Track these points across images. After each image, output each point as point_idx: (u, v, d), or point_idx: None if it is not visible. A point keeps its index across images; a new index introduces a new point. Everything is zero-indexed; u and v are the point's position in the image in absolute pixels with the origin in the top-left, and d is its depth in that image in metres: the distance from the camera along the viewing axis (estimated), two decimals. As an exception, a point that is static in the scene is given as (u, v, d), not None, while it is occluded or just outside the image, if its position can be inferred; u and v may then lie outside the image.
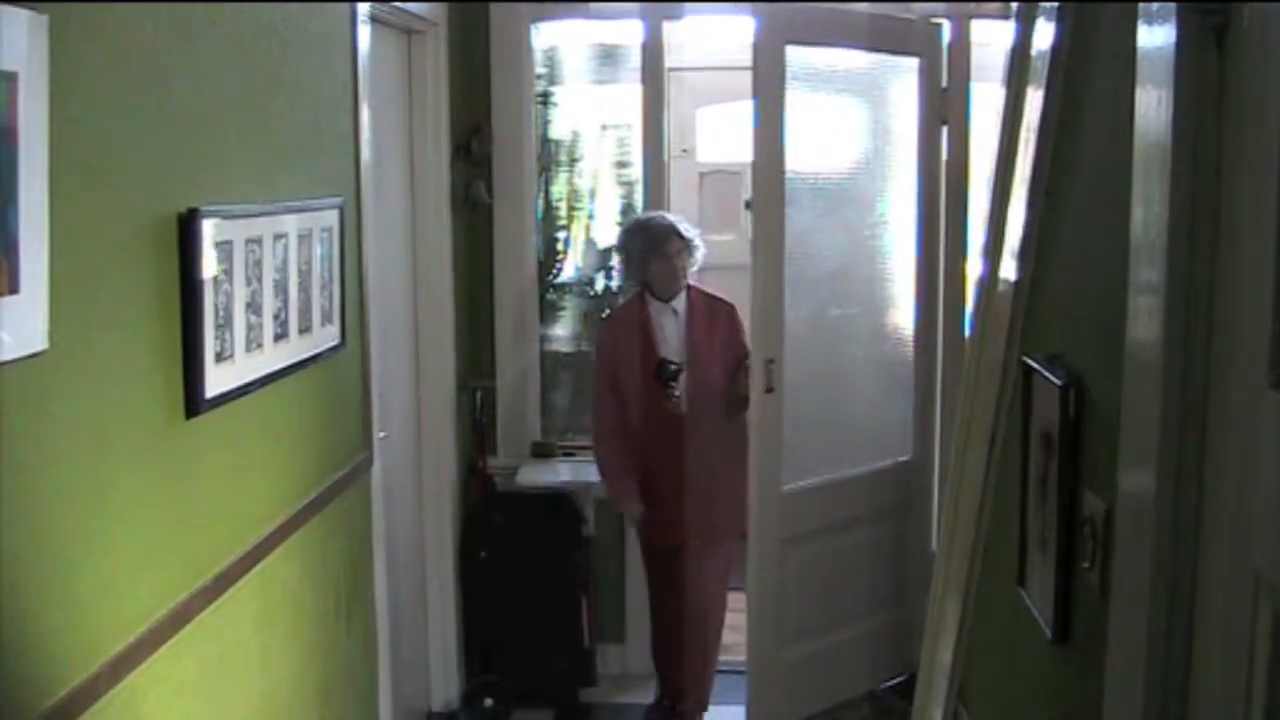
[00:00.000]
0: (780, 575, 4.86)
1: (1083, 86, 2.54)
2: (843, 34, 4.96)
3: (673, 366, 5.00)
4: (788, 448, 4.83)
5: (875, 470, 5.25)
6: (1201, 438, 1.70)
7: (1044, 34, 2.73)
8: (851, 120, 5.18)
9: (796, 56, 4.68)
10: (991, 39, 5.08)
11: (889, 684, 5.35)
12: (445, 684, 5.18)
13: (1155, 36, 1.82)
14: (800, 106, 4.69)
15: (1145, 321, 1.82)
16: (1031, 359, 2.67)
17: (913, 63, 5.19)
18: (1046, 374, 2.50)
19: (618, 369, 5.06)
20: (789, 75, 4.64)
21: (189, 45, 2.59)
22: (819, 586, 5.05)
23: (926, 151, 5.24)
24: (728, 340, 5.09)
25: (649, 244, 5.03)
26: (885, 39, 5.10)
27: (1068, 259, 2.63)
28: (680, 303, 5.08)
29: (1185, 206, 1.71)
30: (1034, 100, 2.77)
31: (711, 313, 5.09)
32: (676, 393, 5.02)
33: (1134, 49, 1.91)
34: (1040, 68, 2.74)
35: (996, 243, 3.06)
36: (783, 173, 4.72)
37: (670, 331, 5.06)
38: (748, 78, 4.61)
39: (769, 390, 4.67)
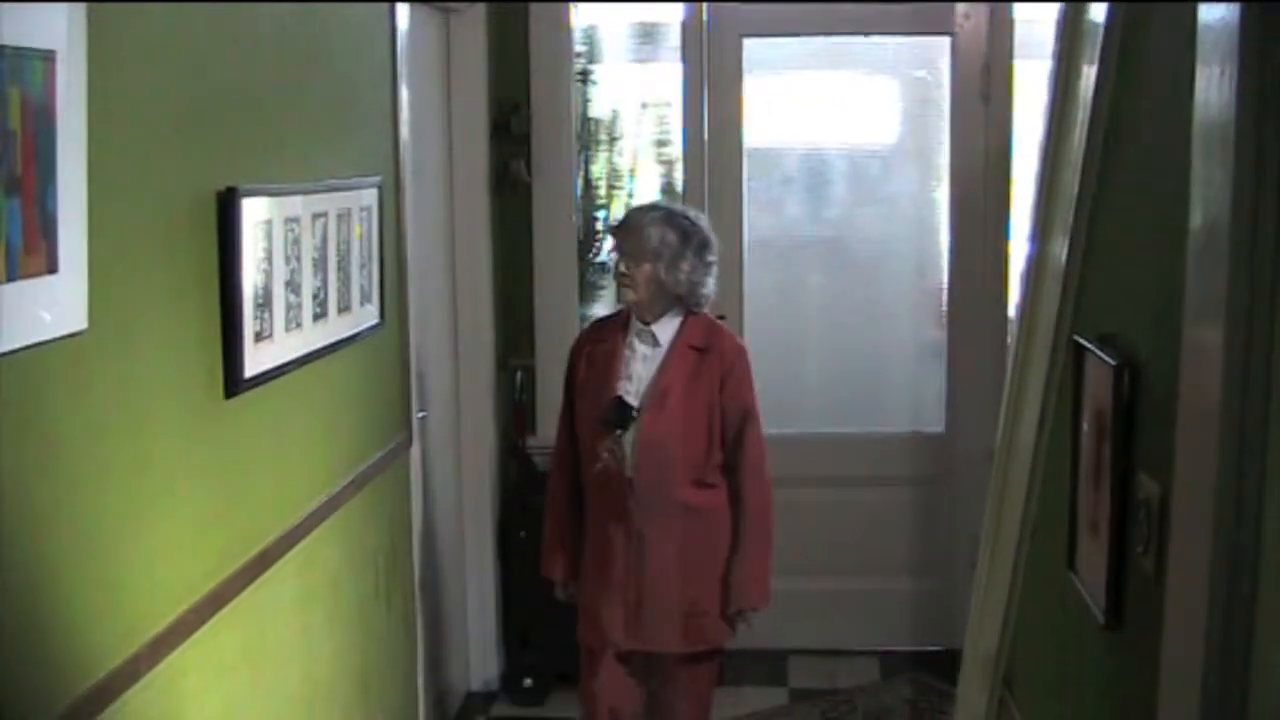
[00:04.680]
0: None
1: (1137, 61, 2.49)
2: (871, 22, 5.21)
3: (627, 410, 3.71)
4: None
5: (895, 437, 5.49)
6: (1264, 420, 1.65)
7: (1097, 7, 2.67)
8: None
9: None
10: (1034, 15, 5.04)
11: (910, 648, 5.48)
12: (484, 664, 5.18)
13: (1217, 8, 1.77)
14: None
15: (1205, 303, 1.77)
16: (1082, 339, 2.63)
17: (944, 42, 5.24)
18: (1099, 354, 2.45)
19: (579, 396, 3.87)
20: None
21: (228, 24, 2.57)
22: (840, 536, 5.43)
23: (960, 129, 5.26)
24: (711, 397, 3.73)
25: (614, 236, 3.94)
26: (917, 20, 5.19)
27: (1120, 238, 2.58)
28: (666, 329, 3.79)
29: (1248, 187, 1.66)
30: (1087, 75, 2.71)
31: (703, 352, 3.75)
32: (622, 447, 3.71)
33: (1194, 21, 1.86)
34: (1092, 42, 2.69)
35: (1046, 221, 3.01)
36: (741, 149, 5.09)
37: (640, 364, 3.77)
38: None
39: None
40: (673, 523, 3.71)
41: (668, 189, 5.59)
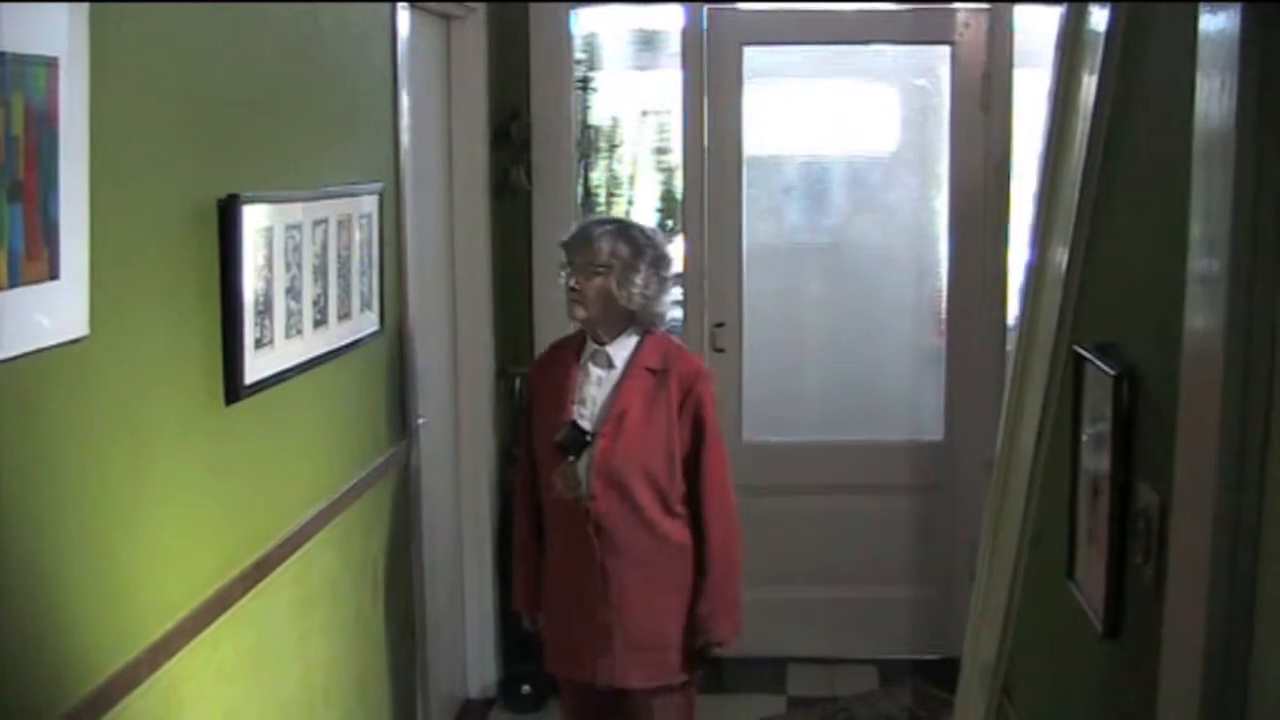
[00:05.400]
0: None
1: (1137, 70, 2.49)
2: (871, 31, 5.28)
3: (582, 435, 3.52)
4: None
5: (894, 445, 5.50)
6: (1265, 429, 1.65)
7: (1098, 16, 2.67)
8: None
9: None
10: (1034, 25, 5.05)
11: (909, 657, 5.47)
12: (482, 671, 5.17)
13: (1217, 19, 1.77)
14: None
15: (1205, 311, 1.77)
16: (1082, 348, 2.63)
17: (944, 50, 5.26)
18: (1099, 364, 2.45)
19: (535, 421, 3.72)
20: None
21: (229, 31, 2.58)
22: (839, 544, 5.45)
23: (960, 138, 5.28)
24: (670, 421, 3.53)
25: (564, 250, 3.68)
26: (917, 29, 5.23)
27: (1120, 246, 2.58)
28: (621, 350, 3.60)
29: (1248, 197, 1.66)
30: (1087, 85, 2.72)
31: (661, 374, 3.55)
32: (576, 474, 3.53)
33: (1194, 32, 1.86)
34: (1092, 51, 2.69)
35: (1046, 230, 3.02)
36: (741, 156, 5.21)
37: (594, 387, 3.59)
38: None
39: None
40: (634, 552, 3.53)
41: (667, 197, 5.60)
